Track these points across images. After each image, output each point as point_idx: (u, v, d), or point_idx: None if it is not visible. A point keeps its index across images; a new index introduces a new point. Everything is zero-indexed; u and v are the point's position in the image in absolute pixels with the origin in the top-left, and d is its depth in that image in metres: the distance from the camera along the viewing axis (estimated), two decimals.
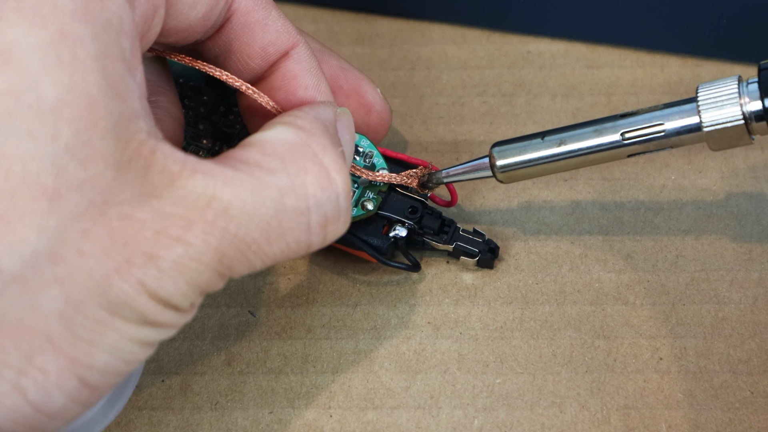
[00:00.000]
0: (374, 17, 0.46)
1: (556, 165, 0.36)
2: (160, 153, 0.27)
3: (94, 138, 0.26)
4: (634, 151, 0.35)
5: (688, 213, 0.40)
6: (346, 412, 0.36)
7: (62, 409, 0.27)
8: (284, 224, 0.29)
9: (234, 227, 0.28)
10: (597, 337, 0.37)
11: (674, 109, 0.34)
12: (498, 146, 0.37)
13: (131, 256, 0.26)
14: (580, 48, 0.45)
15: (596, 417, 0.36)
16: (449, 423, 0.36)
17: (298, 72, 0.34)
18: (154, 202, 0.27)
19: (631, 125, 0.35)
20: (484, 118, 0.43)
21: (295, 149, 0.30)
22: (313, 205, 0.29)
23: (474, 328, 0.38)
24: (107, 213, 0.26)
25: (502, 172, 0.37)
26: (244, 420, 0.36)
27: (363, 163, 0.38)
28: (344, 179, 0.30)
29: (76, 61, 0.26)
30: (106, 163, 0.26)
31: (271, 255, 0.29)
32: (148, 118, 0.28)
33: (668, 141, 0.34)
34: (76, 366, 0.26)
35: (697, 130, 0.34)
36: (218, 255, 0.27)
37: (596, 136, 0.35)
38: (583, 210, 0.40)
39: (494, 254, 0.38)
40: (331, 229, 0.30)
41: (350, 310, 0.38)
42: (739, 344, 0.37)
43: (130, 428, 0.36)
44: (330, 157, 0.30)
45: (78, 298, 0.26)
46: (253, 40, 0.34)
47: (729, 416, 0.35)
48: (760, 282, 0.38)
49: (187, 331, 0.38)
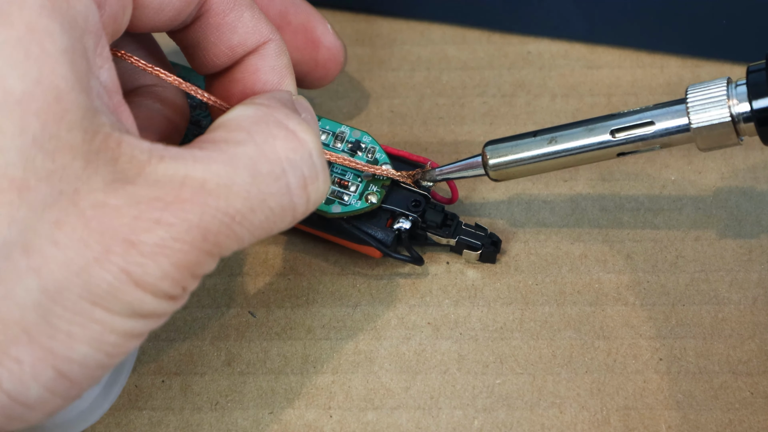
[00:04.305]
0: (374, 17, 0.46)
1: (548, 164, 0.36)
2: (126, 144, 0.27)
3: (61, 130, 0.26)
4: (624, 150, 0.35)
5: (688, 213, 0.40)
6: (346, 413, 0.36)
7: (39, 400, 0.27)
8: (264, 189, 0.29)
9: (213, 201, 0.27)
10: (597, 338, 0.37)
11: (664, 110, 0.35)
12: (490, 145, 0.37)
13: (110, 244, 0.26)
14: (580, 48, 0.45)
15: (596, 417, 0.36)
16: (449, 423, 0.36)
17: (260, 67, 0.34)
18: (128, 187, 0.27)
19: (621, 124, 0.35)
20: (484, 119, 0.43)
21: (258, 120, 0.30)
22: (288, 167, 0.29)
23: (474, 328, 0.38)
24: (79, 203, 0.26)
25: (494, 170, 0.37)
26: (244, 420, 0.36)
27: (365, 158, 0.38)
28: (313, 139, 0.30)
29: (45, 55, 0.26)
30: (74, 154, 0.26)
31: (257, 224, 0.29)
32: (110, 114, 0.28)
33: (657, 140, 0.35)
34: (54, 358, 0.26)
35: (686, 131, 0.34)
36: (201, 231, 0.27)
37: (587, 134, 0.35)
38: (583, 210, 0.40)
39: (497, 248, 0.39)
40: (312, 189, 0.30)
41: (350, 310, 0.38)
42: (739, 344, 0.37)
43: (130, 428, 0.36)
44: (294, 122, 0.30)
45: (55, 289, 0.26)
46: (221, 40, 0.34)
47: (729, 416, 0.35)
48: (760, 282, 0.38)
49: (187, 331, 0.38)
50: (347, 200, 0.38)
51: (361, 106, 0.44)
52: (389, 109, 0.44)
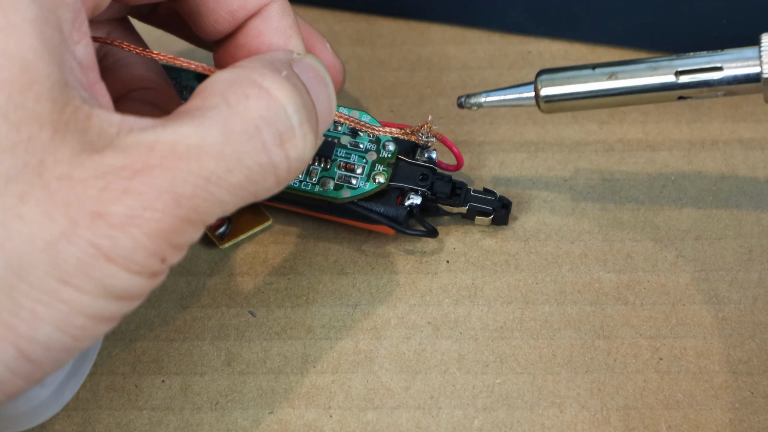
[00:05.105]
0: (374, 17, 0.46)
1: (605, 100, 0.34)
2: (95, 117, 0.26)
3: (28, 100, 0.25)
4: (687, 94, 0.33)
5: (688, 213, 0.40)
6: (346, 412, 0.36)
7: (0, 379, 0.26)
8: (238, 148, 0.27)
9: (184, 164, 0.26)
10: (597, 337, 0.37)
11: (735, 54, 0.33)
12: (545, 74, 0.35)
13: (76, 217, 0.25)
14: (580, 48, 0.45)
15: (596, 417, 0.36)
16: (449, 423, 0.36)
17: (264, 30, 0.33)
18: (95, 157, 0.26)
19: (687, 66, 0.33)
20: (484, 119, 0.43)
21: (232, 83, 0.29)
22: (261, 125, 0.28)
23: (474, 328, 0.38)
24: (44, 175, 0.25)
25: (546, 102, 0.35)
26: (244, 420, 0.36)
27: (367, 138, 0.39)
28: (288, 95, 0.29)
29: (10, 25, 0.26)
30: (42, 124, 0.25)
31: (237, 183, 0.27)
32: (83, 90, 0.27)
33: (723, 88, 0.33)
34: (15, 336, 0.25)
35: (756, 80, 0.32)
36: (174, 197, 0.26)
37: (650, 72, 0.34)
38: (583, 210, 0.40)
39: (508, 210, 0.39)
40: (290, 146, 0.29)
41: (350, 310, 0.38)
42: (739, 344, 0.37)
43: (130, 428, 0.36)
44: (270, 80, 0.29)
45: (20, 265, 0.25)
46: (219, 5, 0.33)
47: (729, 416, 0.35)
48: (760, 282, 0.38)
49: (187, 331, 0.38)
50: (355, 183, 0.38)
51: (361, 106, 0.44)
52: (389, 109, 0.44)
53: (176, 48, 0.41)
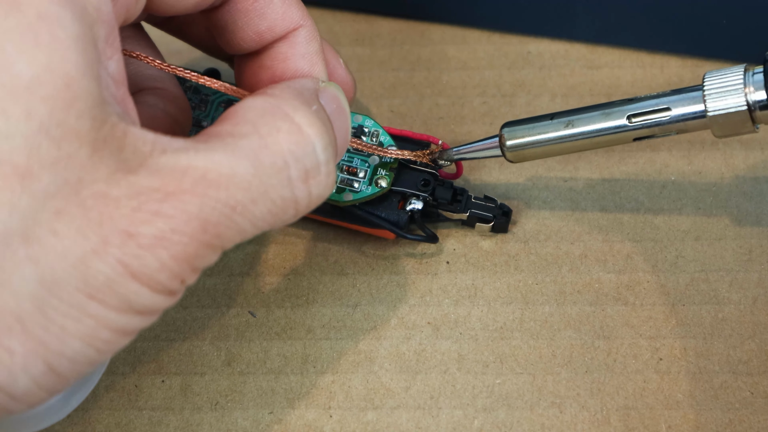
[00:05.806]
0: (374, 17, 0.46)
1: (564, 146, 0.36)
2: (131, 135, 0.27)
3: (69, 117, 0.26)
4: (640, 135, 0.35)
5: (688, 213, 0.40)
6: (346, 412, 0.36)
7: (26, 392, 0.26)
8: (265, 181, 0.28)
9: (214, 192, 0.27)
10: (597, 338, 0.37)
11: (681, 96, 0.35)
12: (508, 126, 0.37)
13: (108, 235, 0.26)
14: (580, 48, 0.45)
15: (596, 417, 0.36)
16: (449, 423, 0.36)
17: (290, 55, 0.34)
18: (130, 177, 0.26)
19: (637, 109, 0.35)
20: (484, 119, 0.43)
21: (264, 112, 0.29)
22: (290, 160, 0.29)
23: (474, 328, 0.38)
24: (81, 192, 0.26)
25: (511, 152, 0.37)
26: (244, 420, 0.36)
27: (370, 142, 0.39)
28: (318, 132, 0.30)
29: (56, 41, 0.26)
30: (81, 141, 0.26)
31: (259, 215, 0.28)
32: (117, 105, 0.28)
33: (674, 126, 0.35)
34: (45, 351, 0.26)
35: (702, 117, 0.34)
36: (201, 223, 0.27)
37: (603, 119, 0.36)
38: (583, 210, 0.40)
39: (508, 217, 0.39)
40: (314, 183, 0.30)
41: (350, 310, 0.38)
42: (739, 344, 0.37)
43: (130, 428, 0.36)
44: (302, 114, 0.30)
45: (53, 280, 0.25)
46: (248, 26, 0.33)
47: (729, 416, 0.35)
48: (760, 282, 0.38)
49: (187, 331, 0.38)
50: (358, 187, 0.38)
51: (361, 106, 0.44)
52: (389, 109, 0.44)
53: (175, 48, 0.41)
